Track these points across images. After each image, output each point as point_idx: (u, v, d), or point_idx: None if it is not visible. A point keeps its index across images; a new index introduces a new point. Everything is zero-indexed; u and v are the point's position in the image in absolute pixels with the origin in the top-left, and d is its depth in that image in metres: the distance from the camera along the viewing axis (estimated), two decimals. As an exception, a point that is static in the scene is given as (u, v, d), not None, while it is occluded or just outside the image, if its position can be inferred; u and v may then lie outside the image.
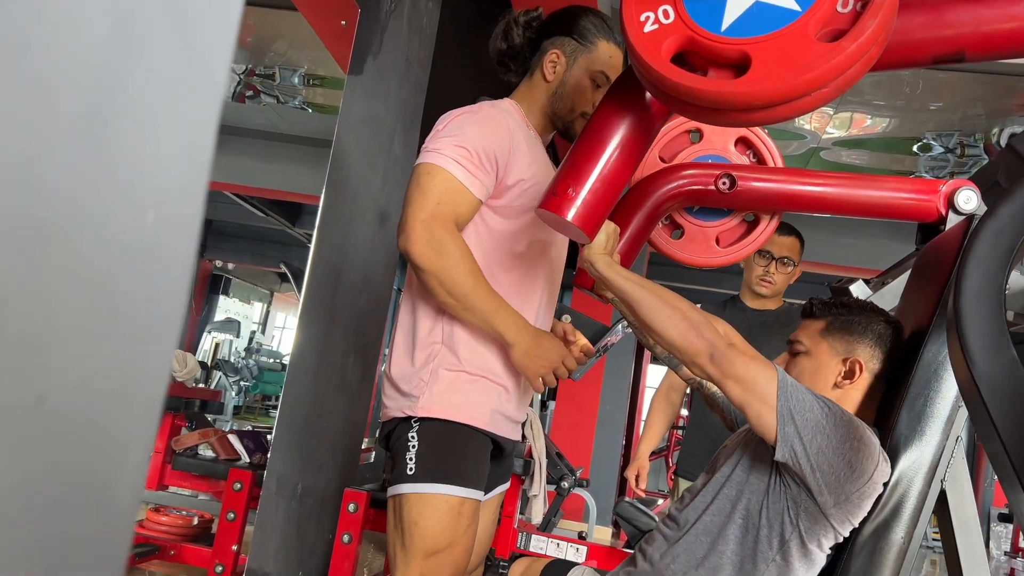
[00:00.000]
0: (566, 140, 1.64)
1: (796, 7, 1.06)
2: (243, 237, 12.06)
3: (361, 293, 2.93)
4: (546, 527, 3.65)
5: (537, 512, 2.98)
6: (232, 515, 2.63)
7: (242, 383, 12.41)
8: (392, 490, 1.45)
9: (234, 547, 2.64)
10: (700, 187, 1.90)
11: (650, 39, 1.10)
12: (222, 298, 13.62)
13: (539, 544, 2.79)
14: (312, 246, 2.64)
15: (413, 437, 1.43)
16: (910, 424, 1.37)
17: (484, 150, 1.43)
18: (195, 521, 3.45)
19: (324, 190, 2.67)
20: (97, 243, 0.24)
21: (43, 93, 0.23)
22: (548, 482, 3.38)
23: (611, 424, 6.22)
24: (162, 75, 0.26)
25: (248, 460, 2.91)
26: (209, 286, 13.12)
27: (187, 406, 3.23)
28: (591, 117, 1.36)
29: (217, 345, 12.61)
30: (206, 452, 3.00)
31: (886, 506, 1.33)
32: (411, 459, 1.42)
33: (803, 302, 1.56)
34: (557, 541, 2.78)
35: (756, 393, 1.24)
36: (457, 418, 1.44)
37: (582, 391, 6.08)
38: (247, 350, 13.08)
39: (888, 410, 1.43)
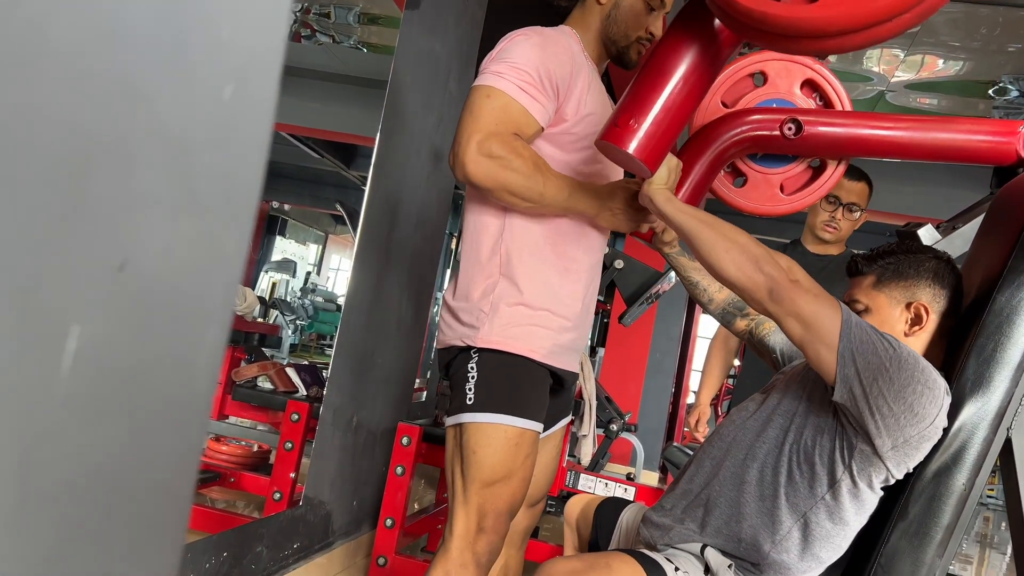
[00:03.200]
0: (620, 67, 1.61)
1: None
2: (299, 179, 12.15)
3: (415, 232, 2.95)
4: (594, 468, 3.68)
5: (586, 453, 3.01)
6: (290, 444, 2.71)
7: (298, 322, 12.67)
8: (452, 419, 1.47)
9: (291, 475, 2.72)
10: (764, 133, 1.84)
11: None
12: (278, 239, 13.82)
13: (587, 483, 2.82)
14: (368, 185, 2.65)
15: (473, 368, 1.45)
16: (978, 370, 1.33)
17: (546, 74, 1.40)
18: (254, 449, 3.57)
19: (380, 129, 2.66)
20: (177, 109, 0.23)
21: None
22: (597, 425, 3.40)
23: (660, 371, 6.21)
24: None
25: (305, 392, 2.99)
26: (266, 227, 13.35)
27: (246, 339, 3.32)
28: (656, 46, 1.32)
29: (274, 285, 12.85)
30: (265, 384, 3.08)
31: (947, 451, 1.30)
32: (470, 389, 1.44)
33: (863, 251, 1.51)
34: (605, 481, 2.81)
35: (817, 332, 1.21)
36: (516, 350, 1.45)
37: (632, 337, 6.07)
38: (303, 290, 13.32)
39: (955, 352, 1.39)
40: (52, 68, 0.21)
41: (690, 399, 7.29)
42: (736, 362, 4.73)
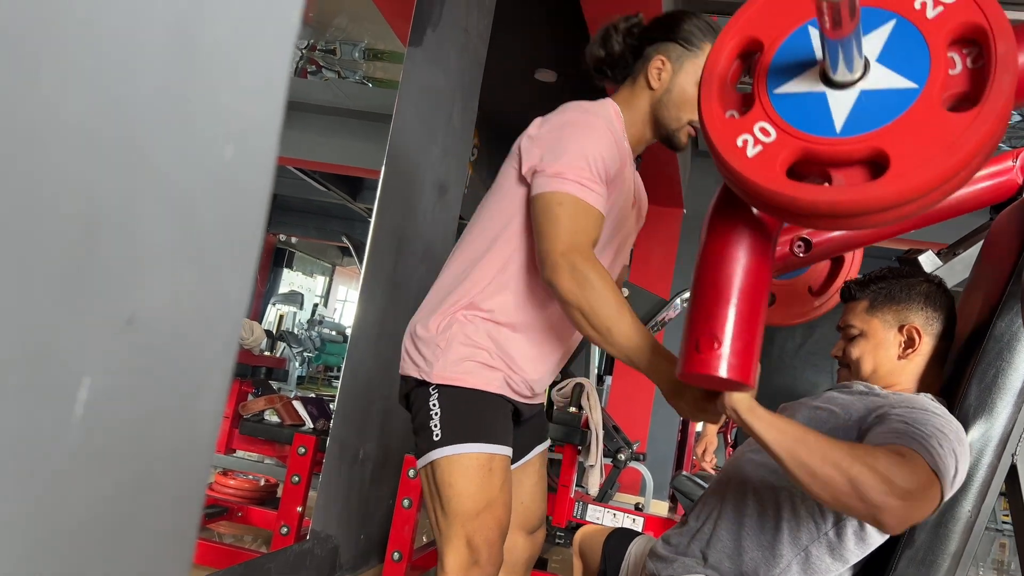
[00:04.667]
0: (669, 148, 1.60)
1: (912, 84, 0.92)
2: (306, 211, 12.26)
3: (421, 264, 2.97)
4: (602, 499, 3.67)
5: (594, 483, 3.00)
6: (297, 478, 2.72)
7: (305, 354, 12.69)
8: (423, 460, 1.48)
9: (298, 509, 2.72)
10: (777, 256, 1.80)
11: (760, 162, 0.96)
12: (286, 271, 13.91)
13: (595, 514, 2.81)
14: (373, 217, 2.68)
15: (434, 405, 1.46)
16: (980, 396, 1.33)
17: (601, 164, 1.41)
18: (261, 483, 3.57)
19: (384, 162, 2.70)
20: (182, 170, 0.25)
21: (132, 31, 0.24)
22: (604, 455, 3.39)
23: (669, 399, 6.17)
24: (240, 17, 0.27)
25: (312, 426, 3.00)
26: (273, 259, 13.43)
27: (253, 373, 3.33)
28: (704, 253, 1.18)
29: (281, 317, 12.90)
30: (272, 418, 3.09)
31: (953, 479, 1.30)
32: (436, 426, 1.45)
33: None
34: (613, 511, 2.80)
35: (928, 514, 1.16)
36: (470, 385, 1.46)
37: (640, 366, 6.05)
38: (310, 322, 13.36)
39: (956, 377, 1.39)
40: (64, 138, 0.22)
41: (699, 427, 7.24)
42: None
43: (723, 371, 1.08)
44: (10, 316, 0.21)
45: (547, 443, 1.76)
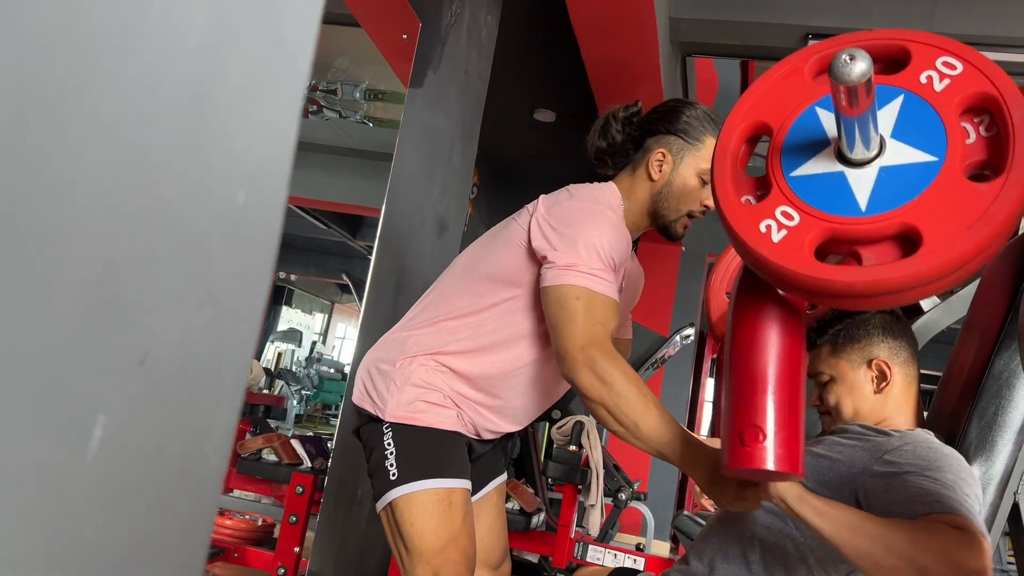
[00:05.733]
0: (665, 237, 1.61)
1: (932, 157, 0.91)
2: (306, 249, 12.30)
3: (420, 302, 2.99)
4: (603, 539, 3.63)
5: (594, 523, 2.97)
6: (294, 518, 2.69)
7: (303, 392, 12.62)
8: (382, 502, 1.47)
9: (296, 549, 2.69)
10: None
11: (787, 247, 0.95)
12: (285, 308, 13.90)
13: (596, 554, 2.78)
14: (373, 256, 2.70)
15: (389, 444, 1.46)
16: (980, 435, 1.34)
17: (610, 253, 1.42)
18: (259, 523, 3.53)
19: (385, 200, 2.73)
20: (195, 215, 0.26)
21: (152, 84, 0.25)
22: (605, 494, 3.36)
23: (669, 437, 6.14)
24: (254, 64, 0.29)
25: (310, 465, 2.98)
26: (272, 297, 13.43)
27: (252, 411, 3.32)
28: (733, 340, 1.16)
29: (280, 355, 12.86)
30: (269, 456, 3.07)
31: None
32: (391, 465, 1.45)
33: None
34: (614, 552, 2.77)
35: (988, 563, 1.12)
36: (423, 423, 1.47)
37: (639, 403, 6.02)
38: (308, 360, 13.31)
39: (956, 417, 1.39)
40: (87, 184, 0.23)
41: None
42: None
43: (771, 464, 1.06)
44: (31, 354, 0.22)
45: (503, 476, 1.75)
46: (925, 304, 1.93)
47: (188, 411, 0.26)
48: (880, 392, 1.39)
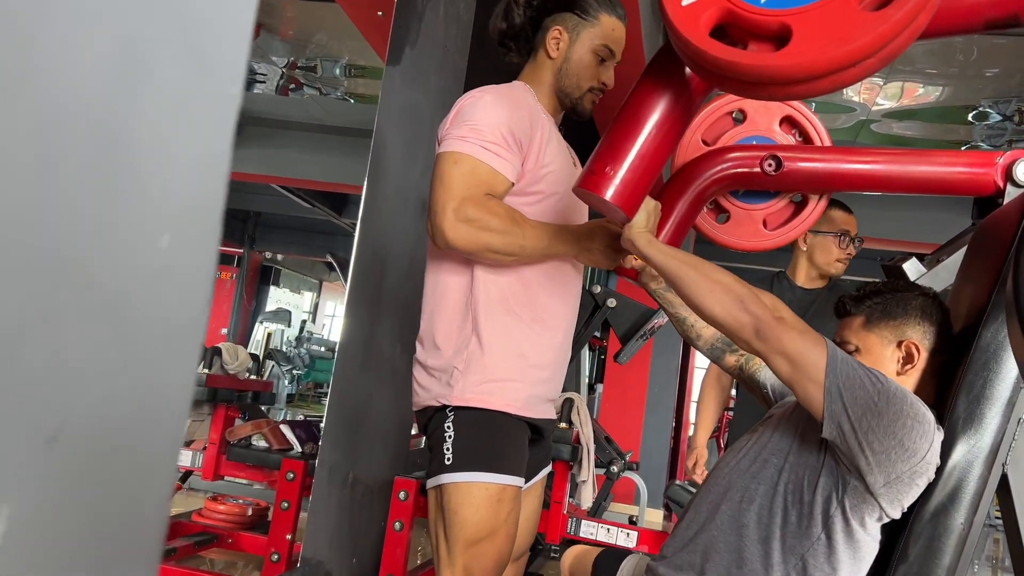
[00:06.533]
0: (575, 117, 1.63)
1: None
2: (291, 228, 12.27)
3: (407, 282, 2.95)
4: (596, 511, 3.64)
5: (587, 498, 2.98)
6: (286, 504, 2.69)
7: (294, 372, 12.64)
8: (432, 481, 1.46)
9: (288, 536, 2.69)
10: (745, 170, 1.86)
11: (688, 13, 1.08)
12: (272, 289, 13.88)
13: (589, 529, 2.79)
14: (356, 237, 2.66)
15: (449, 427, 1.44)
16: (968, 407, 1.33)
17: (507, 130, 1.42)
18: (249, 512, 3.52)
19: (366, 181, 2.68)
20: (112, 269, 0.24)
21: (51, 122, 0.23)
22: (597, 466, 3.37)
23: (660, 406, 6.18)
24: (173, 95, 0.26)
25: (300, 449, 2.96)
26: (260, 277, 13.38)
27: (239, 398, 3.30)
28: (630, 94, 1.33)
29: (269, 335, 12.86)
30: (259, 442, 3.06)
31: (943, 490, 1.29)
32: (448, 449, 1.43)
33: (851, 278, 1.52)
34: (607, 526, 2.78)
35: (804, 369, 1.21)
36: (492, 406, 1.45)
37: (630, 374, 6.05)
38: (298, 339, 13.31)
39: (945, 389, 1.38)
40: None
41: (691, 432, 7.24)
42: (733, 392, 4.72)
43: (608, 194, 1.26)
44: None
45: (549, 467, 1.74)
46: (911, 273, 1.92)
47: (112, 488, 0.24)
48: (903, 374, 1.38)
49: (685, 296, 1.29)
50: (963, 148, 5.33)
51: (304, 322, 14.60)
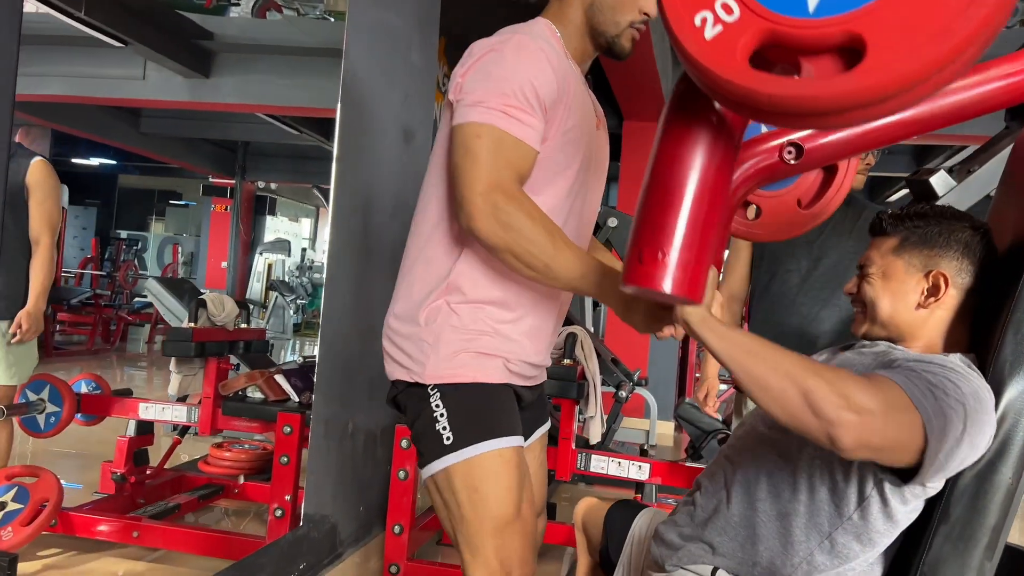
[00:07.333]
0: (612, 58, 1.42)
1: None
2: (280, 156, 11.96)
3: (393, 220, 2.77)
4: (606, 438, 3.57)
5: (595, 433, 2.89)
6: (285, 459, 2.60)
7: (298, 301, 12.57)
8: (432, 468, 1.32)
9: (287, 497, 2.61)
10: (765, 165, 1.62)
11: (718, 46, 0.84)
12: (270, 219, 13.67)
13: (599, 463, 2.71)
14: (333, 177, 2.47)
15: (438, 406, 1.30)
16: (1016, 348, 1.18)
17: (531, 90, 1.23)
18: (259, 452, 3.46)
19: (339, 110, 2.47)
20: None
21: None
22: (604, 384, 3.27)
23: (668, 319, 6.08)
24: None
25: (297, 400, 2.86)
26: (255, 208, 13.15)
27: (231, 349, 3.18)
28: (657, 149, 1.06)
29: (270, 266, 12.73)
30: (255, 394, 2.96)
31: (990, 445, 1.16)
32: (444, 428, 1.29)
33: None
34: (619, 460, 2.69)
35: (898, 452, 1.06)
36: (469, 379, 1.31)
37: (636, 288, 5.92)
38: (299, 268, 13.19)
39: (988, 332, 1.23)
40: None
41: (698, 355, 7.17)
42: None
43: (667, 286, 0.99)
44: None
45: (548, 424, 1.61)
46: (940, 188, 1.73)
47: None
48: (924, 307, 1.22)
49: (742, 386, 1.09)
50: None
51: (304, 250, 14.46)
